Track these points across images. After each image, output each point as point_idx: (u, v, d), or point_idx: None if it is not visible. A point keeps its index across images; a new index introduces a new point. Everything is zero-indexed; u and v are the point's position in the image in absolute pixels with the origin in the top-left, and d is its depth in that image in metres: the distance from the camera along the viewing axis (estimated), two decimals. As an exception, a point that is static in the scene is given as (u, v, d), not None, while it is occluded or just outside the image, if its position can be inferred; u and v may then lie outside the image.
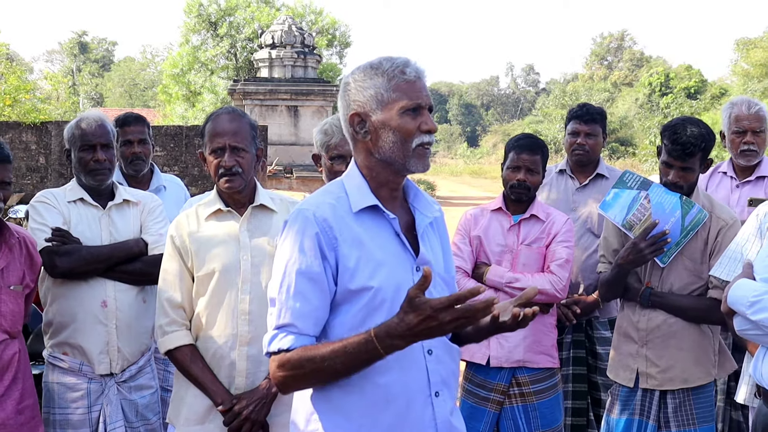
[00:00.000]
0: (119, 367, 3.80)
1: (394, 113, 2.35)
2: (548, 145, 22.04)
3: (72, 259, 3.70)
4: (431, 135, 2.40)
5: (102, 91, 76.84)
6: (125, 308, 3.81)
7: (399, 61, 2.40)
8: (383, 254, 2.38)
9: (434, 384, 2.41)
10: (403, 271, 2.40)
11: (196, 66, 36.02)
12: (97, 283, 3.78)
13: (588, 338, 4.84)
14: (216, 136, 3.24)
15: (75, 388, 3.77)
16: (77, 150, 3.87)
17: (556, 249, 4.16)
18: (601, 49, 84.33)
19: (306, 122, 21.37)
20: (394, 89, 2.36)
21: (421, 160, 2.39)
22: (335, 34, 38.58)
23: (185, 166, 18.76)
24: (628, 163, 39.86)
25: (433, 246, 2.53)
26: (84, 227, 3.83)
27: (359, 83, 2.41)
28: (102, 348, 3.76)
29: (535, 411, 4.11)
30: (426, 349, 2.39)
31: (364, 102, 2.39)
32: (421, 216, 2.50)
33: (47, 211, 3.81)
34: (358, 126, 2.42)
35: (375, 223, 2.41)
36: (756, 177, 4.83)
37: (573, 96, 56.64)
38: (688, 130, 3.73)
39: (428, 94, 2.42)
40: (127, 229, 3.90)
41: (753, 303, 2.95)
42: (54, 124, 18.88)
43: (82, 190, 3.89)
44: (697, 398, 3.85)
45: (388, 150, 2.38)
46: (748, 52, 39.68)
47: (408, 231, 2.47)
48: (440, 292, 2.46)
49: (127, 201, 3.96)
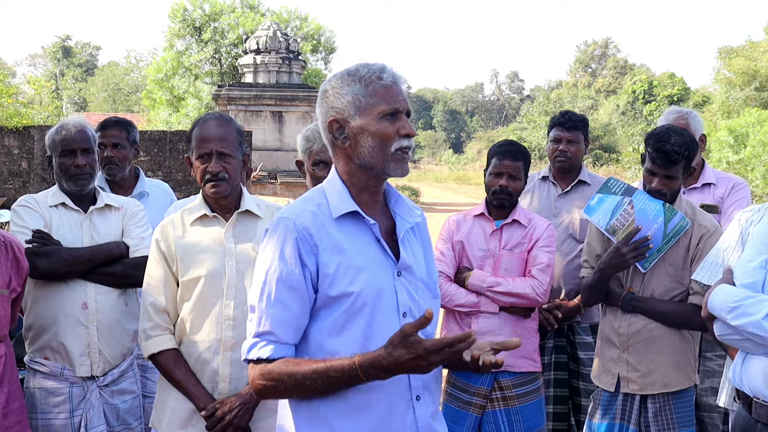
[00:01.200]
0: (100, 369, 3.80)
1: (372, 118, 2.37)
2: (532, 152, 22.23)
3: (52, 260, 3.70)
4: (410, 139, 2.41)
5: (85, 95, 76.47)
6: (106, 310, 3.80)
7: (375, 66, 2.41)
8: (364, 259, 2.40)
9: (415, 388, 2.43)
10: (384, 276, 2.42)
11: (181, 71, 35.91)
12: (77, 285, 3.78)
13: (570, 343, 4.86)
14: (203, 142, 3.24)
15: (56, 393, 3.76)
16: (58, 155, 3.88)
17: (537, 254, 4.18)
18: (585, 56, 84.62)
19: (290, 128, 21.35)
20: (371, 95, 2.38)
21: (400, 164, 2.40)
22: (320, 39, 38.54)
23: (169, 171, 18.70)
24: (612, 170, 39.99)
25: (415, 251, 2.54)
26: (65, 231, 3.83)
27: (337, 90, 2.42)
28: (83, 350, 3.76)
29: (517, 415, 4.12)
30: None
31: (342, 108, 2.40)
32: (402, 221, 2.51)
33: (28, 215, 3.81)
34: (337, 132, 2.43)
35: (355, 228, 2.43)
36: (702, 184, 4.88)
37: (557, 103, 56.76)
38: (672, 139, 3.77)
39: (406, 99, 2.43)
40: (108, 234, 3.90)
41: (733, 308, 2.98)
42: (37, 129, 18.76)
43: (64, 195, 3.90)
44: (678, 402, 3.88)
45: (367, 155, 2.39)
46: (730, 61, 39.83)
47: (389, 236, 2.49)
48: (422, 296, 2.49)
49: (109, 206, 3.96)
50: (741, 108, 34.79)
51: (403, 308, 2.43)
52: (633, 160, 34.43)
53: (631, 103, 57.94)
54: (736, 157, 26.12)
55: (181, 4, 36.15)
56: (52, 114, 29.52)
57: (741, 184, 5.01)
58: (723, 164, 26.17)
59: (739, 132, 26.81)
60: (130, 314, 3.93)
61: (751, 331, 2.93)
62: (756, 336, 2.93)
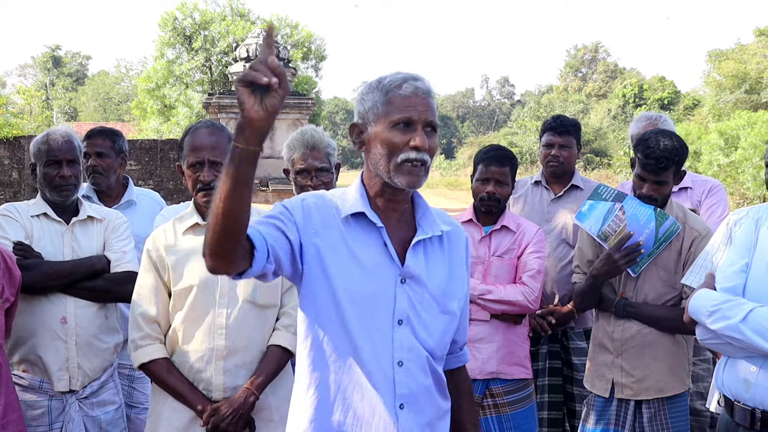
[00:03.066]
0: (79, 383, 3.75)
1: (385, 126, 2.37)
2: (523, 157, 22.25)
3: (33, 273, 3.64)
4: (420, 152, 2.36)
5: (76, 105, 76.33)
6: (85, 325, 3.76)
7: (400, 75, 2.42)
8: (365, 259, 2.40)
9: (400, 396, 2.41)
10: (384, 280, 2.40)
11: (171, 80, 35.88)
12: (57, 299, 3.73)
13: (563, 349, 4.86)
14: (195, 150, 3.24)
15: (35, 406, 3.71)
16: (43, 165, 3.83)
17: (527, 260, 4.16)
18: (575, 61, 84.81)
19: (281, 135, 21.29)
20: (388, 103, 2.38)
21: (407, 176, 2.36)
22: (311, 47, 38.58)
23: (160, 179, 18.69)
24: (603, 174, 40.07)
25: (432, 263, 2.50)
26: (46, 242, 3.79)
27: (363, 95, 2.45)
28: (61, 365, 3.72)
29: (509, 422, 4.10)
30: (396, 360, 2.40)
31: (364, 114, 2.43)
32: (421, 231, 2.48)
33: (9, 225, 3.76)
34: (356, 137, 2.46)
35: (364, 230, 2.43)
36: (679, 188, 4.89)
37: (548, 108, 56.87)
38: (662, 144, 3.75)
39: (427, 110, 2.39)
40: (90, 246, 3.86)
41: (712, 312, 3.01)
42: (27, 139, 18.72)
43: (46, 205, 3.86)
44: (672, 407, 3.88)
45: (377, 162, 2.40)
46: (720, 64, 39.99)
47: (405, 245, 2.46)
48: (426, 309, 2.45)
49: (91, 217, 3.92)
50: (731, 111, 34.94)
51: (399, 315, 2.40)
52: (624, 164, 34.50)
53: (622, 107, 58.08)
54: (726, 159, 26.20)
55: (171, 13, 36.14)
56: (43, 124, 29.41)
57: (717, 186, 5.04)
58: (714, 167, 26.25)
59: (730, 135, 26.89)
60: (110, 328, 3.89)
61: (729, 335, 2.95)
62: (734, 339, 2.95)
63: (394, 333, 2.39)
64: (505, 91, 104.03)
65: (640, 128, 5.01)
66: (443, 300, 2.51)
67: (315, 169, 3.82)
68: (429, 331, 2.46)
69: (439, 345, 2.52)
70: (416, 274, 2.44)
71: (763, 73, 37.40)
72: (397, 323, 2.40)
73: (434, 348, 2.49)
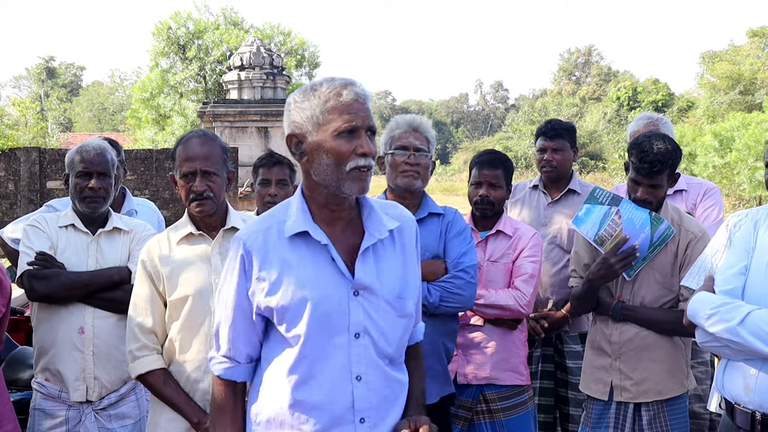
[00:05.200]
0: (96, 394, 3.77)
1: (328, 135, 2.34)
2: (518, 161, 22.27)
3: (50, 283, 3.70)
4: (367, 158, 2.36)
5: (71, 116, 76.25)
6: (103, 335, 3.77)
7: (338, 82, 2.38)
8: (314, 278, 2.38)
9: (359, 410, 2.39)
10: (336, 295, 2.38)
11: (166, 89, 35.90)
12: (76, 309, 3.76)
13: (557, 352, 4.86)
14: (187, 161, 3.23)
15: (54, 415, 3.76)
16: (74, 176, 3.89)
17: (521, 264, 4.12)
18: (568, 64, 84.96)
19: (277, 143, 21.30)
20: (329, 111, 2.34)
21: (357, 183, 2.36)
22: (304, 54, 38.63)
23: (156, 189, 18.67)
24: (598, 177, 40.11)
25: (383, 266, 2.47)
26: (71, 253, 3.83)
27: (298, 104, 2.40)
28: (78, 375, 3.74)
29: (502, 428, 4.04)
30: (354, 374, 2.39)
31: (301, 123, 2.38)
32: (368, 236, 2.45)
33: (35, 236, 3.83)
34: (295, 147, 2.42)
35: (308, 248, 2.40)
36: (674, 191, 4.90)
37: (542, 112, 57.04)
38: (655, 148, 3.75)
39: (368, 116, 2.38)
40: (114, 257, 3.88)
41: (710, 315, 3.00)
42: (22, 151, 18.73)
43: (75, 216, 3.91)
44: (671, 409, 3.87)
45: (322, 172, 2.37)
46: (713, 65, 40.16)
47: (355, 253, 2.43)
48: (383, 317, 2.44)
49: (118, 229, 3.95)
50: (725, 112, 35.02)
51: (356, 329, 2.38)
52: (619, 167, 34.57)
53: (616, 110, 58.18)
54: (721, 161, 26.27)
55: (165, 23, 36.19)
56: (38, 135, 29.42)
57: (712, 189, 5.04)
58: (709, 169, 26.32)
59: (724, 136, 26.97)
60: None
61: (727, 338, 2.94)
62: (732, 342, 2.94)
63: (350, 348, 2.38)
64: (499, 95, 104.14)
65: (640, 126, 5.01)
66: (399, 304, 2.48)
67: (414, 147, 3.79)
68: (387, 338, 2.44)
69: (398, 350, 2.51)
70: (368, 284, 2.41)
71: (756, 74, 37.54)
72: (354, 337, 2.38)
73: (393, 354, 2.48)
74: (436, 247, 3.74)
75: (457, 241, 3.74)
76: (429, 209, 3.82)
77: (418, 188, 3.79)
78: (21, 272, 3.76)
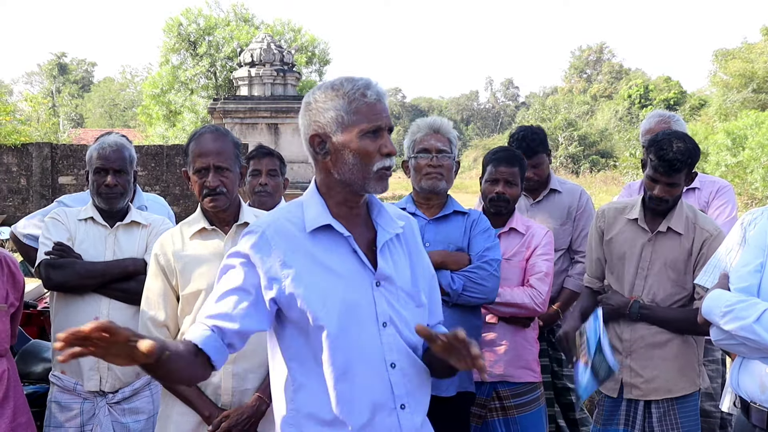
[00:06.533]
0: (109, 385, 3.80)
1: (354, 135, 2.36)
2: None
3: (65, 272, 3.77)
4: (391, 158, 2.41)
5: (82, 111, 76.50)
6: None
7: (360, 83, 2.40)
8: (339, 269, 2.41)
9: (399, 396, 2.43)
10: (361, 287, 2.42)
11: (176, 85, 35.98)
12: (92, 299, 3.82)
13: (551, 346, 4.89)
14: (200, 156, 3.25)
15: (69, 407, 3.81)
16: (92, 172, 3.95)
17: (535, 262, 4.12)
18: (579, 62, 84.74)
19: (286, 140, 21.32)
20: (354, 112, 2.37)
21: (380, 182, 2.41)
22: (314, 51, 38.63)
23: (166, 185, 18.72)
24: (609, 176, 40.01)
25: (397, 260, 2.52)
26: (88, 245, 3.90)
27: (320, 104, 2.42)
28: (92, 364, 3.78)
29: (516, 425, 4.06)
30: (389, 362, 2.42)
31: (325, 123, 2.40)
32: (383, 231, 2.50)
33: (55, 227, 3.91)
34: (318, 146, 2.43)
35: (331, 241, 2.43)
36: (686, 189, 4.83)
37: (553, 109, 56.91)
38: (675, 146, 3.72)
39: (389, 116, 2.43)
40: (131, 250, 3.93)
41: (725, 313, 2.99)
42: (34, 146, 18.82)
43: (95, 210, 3.98)
44: (682, 407, 3.86)
45: (348, 172, 2.40)
46: (726, 63, 39.95)
47: (369, 247, 2.48)
48: (404, 306, 2.48)
49: (137, 222, 4.00)
50: (738, 110, 34.86)
51: (382, 318, 2.42)
52: (630, 165, 34.45)
53: (628, 108, 58.00)
54: (734, 159, 26.17)
55: (176, 19, 36.25)
56: (49, 131, 29.55)
57: (726, 187, 5.02)
58: (722, 167, 26.22)
59: (737, 134, 26.87)
60: None
61: (743, 335, 2.94)
62: (748, 340, 2.93)
63: (381, 336, 2.41)
64: (509, 93, 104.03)
65: (652, 124, 5.00)
66: (415, 294, 2.54)
67: (436, 149, 3.80)
68: (411, 328, 2.47)
69: (419, 339, 2.53)
70: (389, 274, 2.46)
71: (770, 71, 37.33)
72: (382, 326, 2.42)
73: (416, 343, 2.51)
74: (460, 242, 3.78)
75: (481, 237, 3.79)
76: (454, 207, 3.87)
77: (442, 189, 3.83)
78: (39, 261, 3.82)
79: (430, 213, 3.86)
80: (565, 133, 49.02)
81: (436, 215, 3.85)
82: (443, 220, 3.84)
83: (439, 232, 3.80)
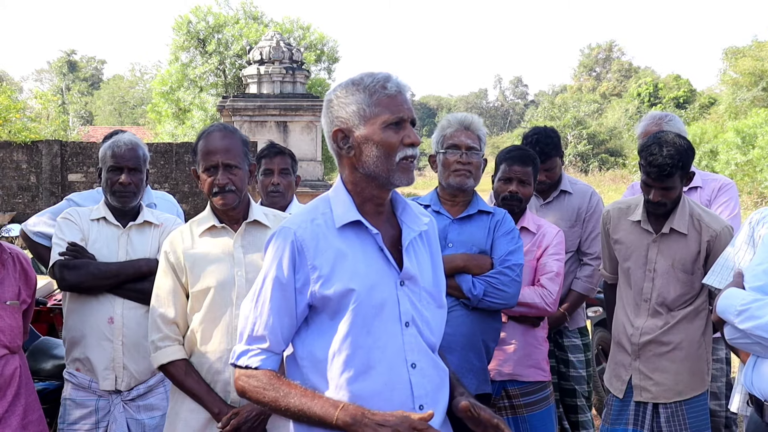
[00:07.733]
0: (125, 384, 3.81)
1: (377, 128, 2.38)
2: (537, 158, 21.57)
3: (80, 273, 3.77)
4: (414, 148, 2.42)
5: (91, 109, 76.62)
6: (133, 326, 3.81)
7: (380, 76, 2.42)
8: (366, 268, 2.41)
9: (418, 398, 2.42)
10: (386, 285, 2.42)
11: (186, 83, 35.97)
12: (106, 300, 3.82)
13: (558, 346, 4.88)
14: (208, 155, 3.26)
15: (84, 405, 3.81)
16: (106, 170, 3.95)
17: (546, 262, 4.12)
18: (589, 60, 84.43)
19: (295, 138, 21.33)
20: (375, 104, 2.39)
21: (405, 173, 2.42)
22: (323, 49, 38.59)
23: (175, 183, 18.76)
24: (618, 174, 39.96)
25: (420, 259, 2.53)
26: (101, 245, 3.89)
27: (341, 99, 2.43)
28: (107, 364, 3.79)
29: (525, 423, 4.05)
30: (410, 362, 2.42)
31: (347, 118, 2.41)
32: (408, 229, 2.51)
33: (68, 227, 3.90)
34: (342, 142, 2.44)
35: (358, 238, 2.44)
36: (688, 188, 4.83)
37: (562, 108, 56.78)
38: (664, 151, 3.69)
39: (410, 108, 2.44)
40: (144, 250, 3.93)
41: (741, 312, 2.98)
42: (44, 143, 18.88)
43: (107, 209, 3.97)
44: (690, 408, 3.85)
45: (372, 164, 2.40)
46: (736, 61, 39.78)
47: (394, 245, 2.49)
48: (426, 306, 2.49)
49: (149, 222, 4.00)
50: (748, 109, 34.74)
51: (405, 318, 2.43)
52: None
53: (637, 107, 57.82)
54: (744, 158, 26.08)
55: (186, 17, 36.26)
56: (59, 128, 29.59)
57: (728, 184, 4.98)
58: (731, 166, 26.13)
59: (747, 133, 26.77)
60: None
61: (759, 335, 2.93)
62: (764, 339, 2.92)
63: (403, 336, 2.42)
64: (518, 91, 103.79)
65: (646, 127, 4.97)
66: (437, 294, 2.56)
67: (466, 146, 3.80)
68: (431, 328, 2.49)
69: (438, 340, 2.56)
70: (414, 274, 2.47)
71: (780, 70, 37.16)
72: (405, 326, 2.43)
73: (435, 344, 2.53)
74: (483, 243, 3.76)
75: (505, 239, 3.76)
76: (479, 207, 3.84)
77: (470, 187, 3.82)
78: (53, 262, 3.82)
79: (454, 211, 3.84)
80: (574, 131, 48.99)
81: (460, 214, 3.82)
82: (467, 220, 3.81)
83: (462, 233, 3.78)
